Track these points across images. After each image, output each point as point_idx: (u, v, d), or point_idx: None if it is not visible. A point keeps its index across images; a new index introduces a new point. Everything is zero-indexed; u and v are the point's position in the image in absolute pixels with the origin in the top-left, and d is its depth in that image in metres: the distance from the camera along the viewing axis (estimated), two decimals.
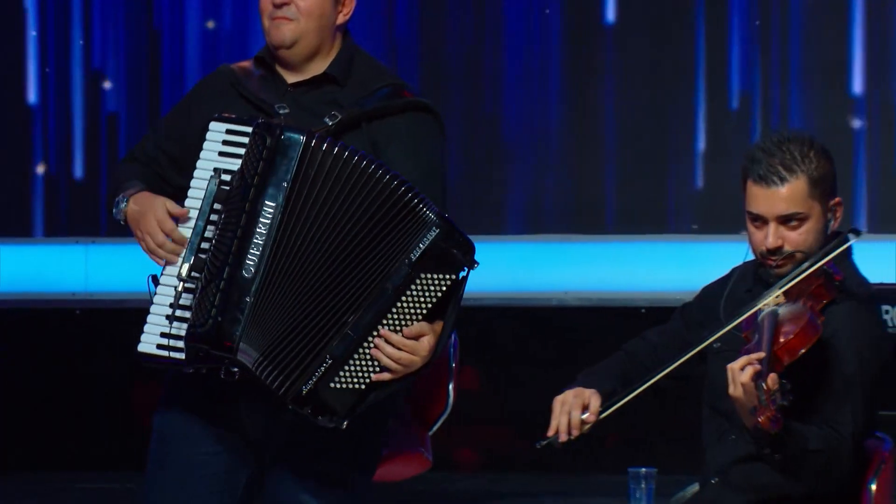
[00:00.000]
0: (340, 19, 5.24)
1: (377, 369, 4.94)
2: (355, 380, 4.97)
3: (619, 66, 8.93)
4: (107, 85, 9.53)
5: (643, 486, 6.26)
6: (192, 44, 9.21)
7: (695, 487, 5.32)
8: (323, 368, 4.92)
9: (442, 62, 8.91)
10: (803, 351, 4.79)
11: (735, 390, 4.70)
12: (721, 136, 8.62)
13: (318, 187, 4.99)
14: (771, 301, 4.94)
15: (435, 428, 6.11)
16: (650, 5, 9.00)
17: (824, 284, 4.96)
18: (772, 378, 4.62)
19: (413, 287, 4.94)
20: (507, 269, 8.21)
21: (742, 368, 4.68)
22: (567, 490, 6.51)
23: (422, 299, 4.95)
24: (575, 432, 5.02)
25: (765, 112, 8.80)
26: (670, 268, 7.98)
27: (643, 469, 6.24)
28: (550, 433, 5.03)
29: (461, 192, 8.39)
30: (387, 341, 4.91)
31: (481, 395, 6.04)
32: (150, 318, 5.02)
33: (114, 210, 5.09)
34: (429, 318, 4.93)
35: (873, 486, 5.02)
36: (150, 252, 5.08)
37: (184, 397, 5.19)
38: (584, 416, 5.04)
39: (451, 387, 6.03)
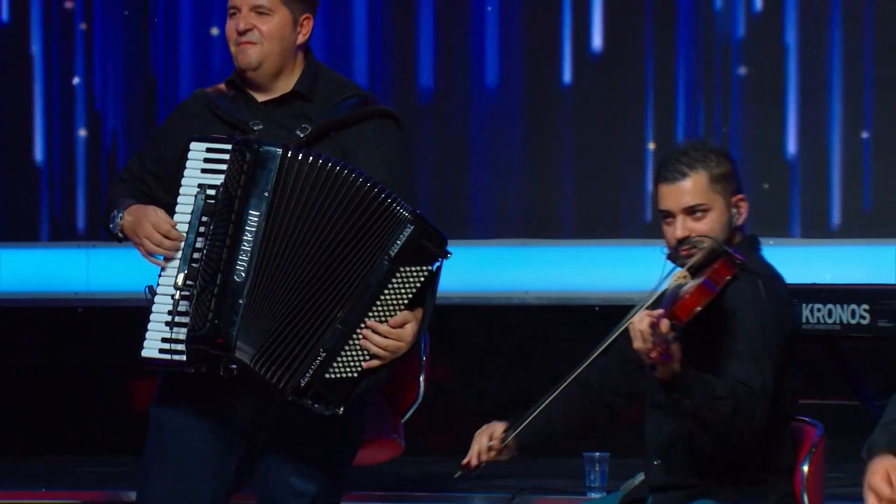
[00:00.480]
0: (300, 39, 5.24)
1: (367, 358, 4.96)
2: (348, 369, 4.97)
3: (575, 96, 8.84)
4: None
5: (597, 468, 6.38)
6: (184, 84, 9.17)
7: (642, 476, 5.30)
8: (318, 361, 4.92)
9: (413, 86, 8.87)
10: (698, 308, 4.79)
11: (636, 342, 4.73)
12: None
13: (297, 194, 4.99)
14: (678, 279, 4.95)
15: (407, 416, 6.04)
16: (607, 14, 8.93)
17: (725, 263, 4.96)
18: (664, 324, 4.67)
19: (394, 280, 4.97)
20: (475, 271, 8.16)
21: (640, 320, 4.71)
22: (525, 472, 6.53)
23: (403, 290, 4.98)
24: (483, 457, 5.11)
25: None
26: (621, 270, 7.94)
27: (597, 453, 6.33)
28: (464, 462, 5.16)
29: (434, 201, 8.40)
30: (374, 332, 4.92)
31: (450, 386, 6.09)
32: (150, 326, 5.04)
33: (111, 225, 5.15)
34: (410, 307, 4.95)
35: (805, 468, 5.07)
36: (149, 254, 5.08)
37: (178, 390, 5.19)
38: (490, 444, 5.12)
39: (421, 378, 6.01)
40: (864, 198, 8.26)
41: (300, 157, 4.99)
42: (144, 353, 5.00)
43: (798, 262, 5.22)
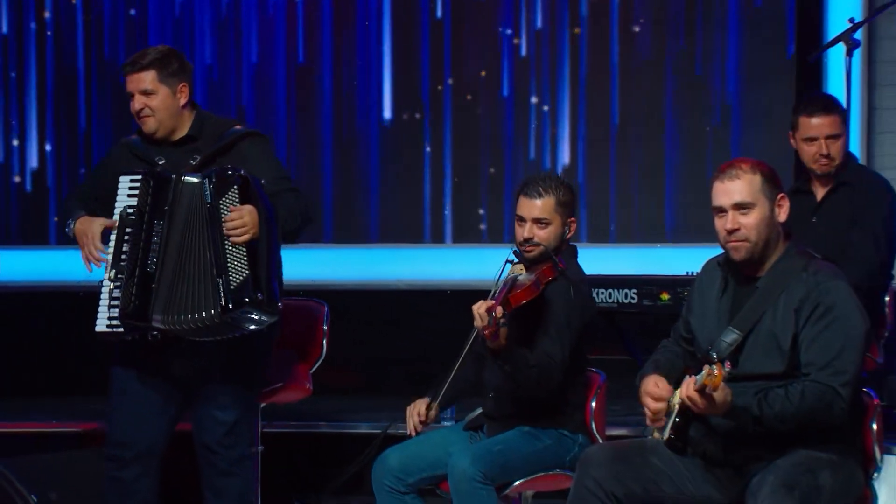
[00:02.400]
0: (183, 101, 5.30)
1: (244, 252, 5.02)
2: (241, 269, 5.02)
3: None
4: None
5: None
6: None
7: (480, 410, 5.39)
8: (220, 285, 5.00)
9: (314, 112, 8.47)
10: (525, 301, 4.92)
11: (476, 322, 4.83)
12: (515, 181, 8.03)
13: (184, 204, 5.11)
14: (516, 271, 5.06)
15: (314, 368, 6.01)
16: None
17: (550, 267, 5.04)
18: (497, 310, 4.79)
19: (221, 208, 5.05)
20: (364, 265, 8.13)
21: (480, 306, 4.82)
22: (397, 407, 6.61)
23: (229, 204, 5.05)
24: (419, 428, 5.24)
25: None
26: (463, 265, 7.80)
27: None
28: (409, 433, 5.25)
29: (338, 212, 8.33)
30: (231, 234, 5.00)
31: (341, 346, 6.24)
32: (99, 308, 5.16)
33: (66, 229, 5.29)
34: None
35: (593, 404, 5.26)
36: (86, 257, 5.19)
37: (129, 354, 5.30)
38: (422, 419, 5.22)
39: (324, 341, 6.00)
40: (633, 210, 8.10)
41: (184, 179, 5.11)
42: (97, 329, 5.14)
43: (585, 259, 5.41)
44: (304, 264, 7.79)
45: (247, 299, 4.98)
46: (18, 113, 8.52)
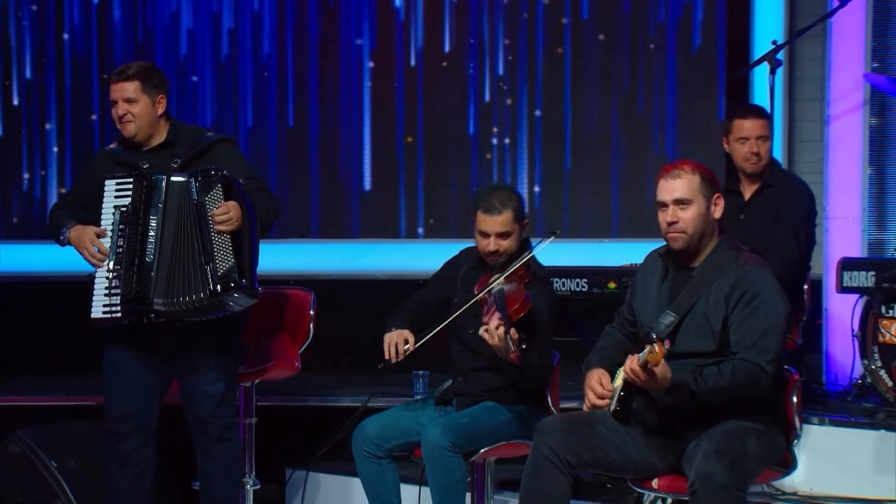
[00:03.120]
0: (160, 110, 5.28)
1: (229, 243, 5.03)
2: (227, 257, 5.03)
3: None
4: None
5: (420, 381, 6.35)
6: None
7: (449, 382, 5.41)
8: (209, 271, 5.00)
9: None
10: (523, 315, 4.92)
11: (492, 340, 4.79)
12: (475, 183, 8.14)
13: (174, 201, 5.10)
14: (500, 282, 5.01)
15: (302, 349, 5.96)
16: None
17: (525, 272, 5.04)
18: (513, 332, 4.76)
19: (207, 204, 5.05)
20: (345, 258, 8.04)
21: (496, 328, 4.76)
22: (373, 384, 6.55)
23: (214, 200, 5.05)
24: (401, 357, 5.10)
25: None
26: (422, 258, 7.59)
27: (421, 371, 6.31)
28: (385, 357, 5.11)
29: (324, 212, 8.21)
30: (220, 226, 5.01)
31: (326, 329, 6.24)
32: (94, 298, 5.10)
33: (60, 237, 5.22)
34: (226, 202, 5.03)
35: (555, 376, 5.29)
36: (88, 259, 5.14)
37: (120, 337, 5.26)
38: (406, 347, 5.09)
39: (311, 325, 5.96)
40: (583, 210, 8.03)
41: (172, 179, 5.10)
42: (92, 316, 5.09)
43: (542, 253, 5.40)
44: (293, 257, 7.81)
45: (232, 284, 5.00)
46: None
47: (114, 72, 5.32)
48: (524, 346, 4.82)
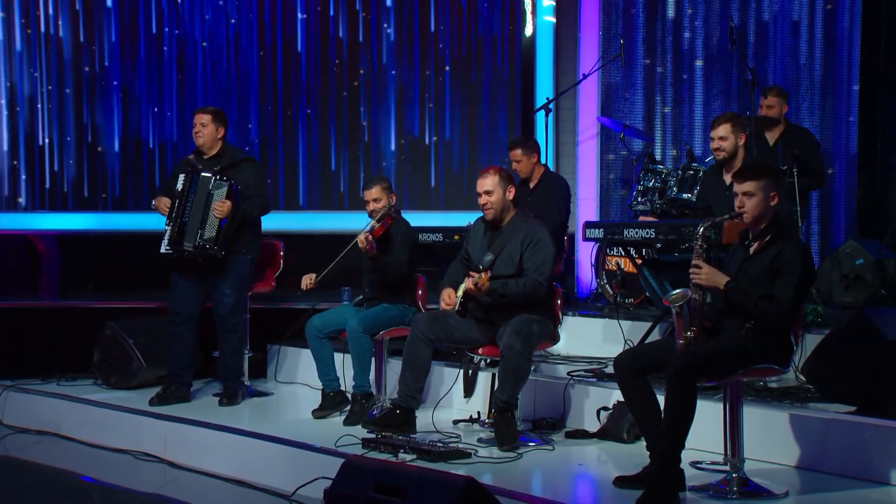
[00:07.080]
0: (220, 135, 5.16)
1: (216, 223, 4.93)
2: (212, 231, 4.95)
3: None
4: None
5: (345, 293, 5.98)
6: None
7: (361, 296, 5.03)
8: (200, 234, 4.94)
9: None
10: (382, 232, 4.69)
11: (360, 244, 4.61)
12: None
13: (202, 190, 4.98)
14: (371, 224, 4.73)
15: (277, 274, 5.66)
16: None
17: (388, 219, 4.78)
18: (369, 237, 4.63)
19: (214, 197, 4.94)
20: (300, 222, 7.49)
21: (364, 237, 4.57)
22: (307, 297, 5.94)
23: (219, 196, 4.94)
24: (310, 287, 4.77)
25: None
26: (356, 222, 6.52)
27: (345, 287, 6.00)
28: (301, 288, 4.75)
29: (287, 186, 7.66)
30: (215, 212, 4.92)
31: (290, 263, 5.99)
32: (163, 241, 5.07)
33: (152, 203, 5.16)
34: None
35: (420, 292, 4.99)
36: (162, 213, 5.06)
37: (176, 264, 5.16)
38: (311, 282, 4.75)
39: (281, 261, 5.70)
40: (436, 190, 7.60)
41: (202, 175, 5.00)
42: (161, 251, 5.07)
43: (416, 218, 5.25)
44: (274, 221, 7.53)
45: (206, 246, 5.00)
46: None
47: (198, 108, 5.18)
48: (373, 240, 4.64)
